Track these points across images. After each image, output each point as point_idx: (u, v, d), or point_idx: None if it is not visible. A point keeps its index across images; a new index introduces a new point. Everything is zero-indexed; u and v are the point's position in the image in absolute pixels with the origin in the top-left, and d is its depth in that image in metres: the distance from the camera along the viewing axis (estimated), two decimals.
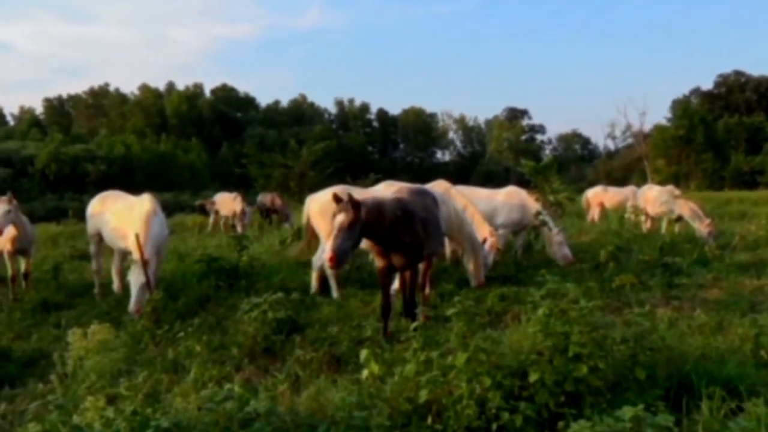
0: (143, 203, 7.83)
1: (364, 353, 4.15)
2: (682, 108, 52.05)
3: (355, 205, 5.14)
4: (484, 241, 8.26)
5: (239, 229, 16.54)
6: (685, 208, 11.72)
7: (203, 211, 20.63)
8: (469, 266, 7.92)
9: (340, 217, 5.10)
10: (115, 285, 8.48)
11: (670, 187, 13.09)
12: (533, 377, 3.51)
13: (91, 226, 8.68)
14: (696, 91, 61.87)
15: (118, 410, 3.33)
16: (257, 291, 7.31)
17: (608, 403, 3.47)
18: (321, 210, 7.57)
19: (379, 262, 5.83)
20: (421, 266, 6.82)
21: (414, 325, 4.26)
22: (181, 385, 4.62)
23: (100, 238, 8.51)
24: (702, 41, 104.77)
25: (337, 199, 5.24)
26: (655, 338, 4.08)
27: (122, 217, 7.96)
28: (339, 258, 4.99)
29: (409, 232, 5.56)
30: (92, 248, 8.77)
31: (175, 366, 5.24)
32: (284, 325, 5.88)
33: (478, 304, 6.14)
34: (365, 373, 4.11)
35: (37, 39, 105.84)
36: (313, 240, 8.13)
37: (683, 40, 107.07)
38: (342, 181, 20.26)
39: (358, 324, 6.01)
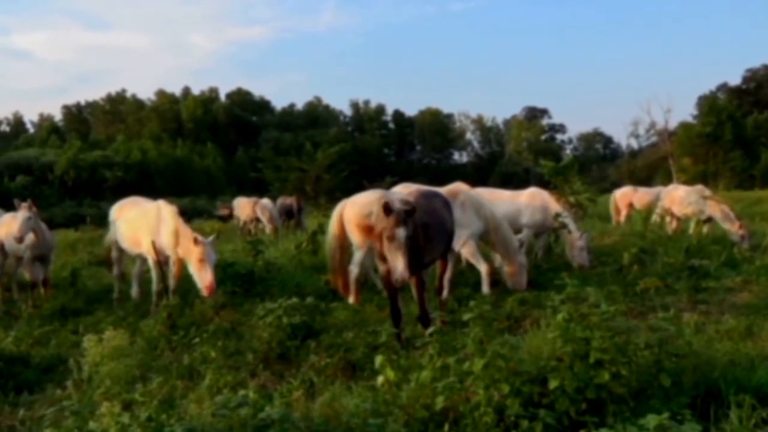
0: (161, 207, 7.90)
1: (379, 359, 4.11)
2: (708, 104, 51.13)
3: (411, 214, 5.03)
4: None
5: (269, 230, 16.71)
6: (715, 209, 11.33)
7: (223, 218, 20.67)
8: (505, 270, 7.80)
9: (401, 232, 4.90)
10: (134, 291, 8.52)
11: (699, 187, 12.72)
12: (553, 384, 3.44)
13: (111, 232, 8.85)
14: (723, 87, 60.71)
15: (133, 416, 3.34)
16: (272, 296, 7.29)
17: (632, 411, 3.38)
18: (361, 214, 7.23)
19: (382, 267, 5.76)
20: (438, 269, 6.75)
21: (430, 330, 4.19)
22: (196, 391, 4.63)
23: (118, 244, 8.63)
24: (729, 34, 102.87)
25: (388, 209, 4.97)
26: (681, 344, 3.98)
27: (135, 224, 8.06)
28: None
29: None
30: (113, 254, 8.89)
31: (191, 372, 5.25)
32: (299, 331, 5.85)
33: (495, 309, 6.06)
34: (380, 379, 4.07)
35: (55, 47, 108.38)
36: (344, 246, 7.67)
37: (709, 33, 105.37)
38: (358, 184, 20.26)
39: (374, 329, 5.94)
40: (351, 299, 7.48)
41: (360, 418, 3.47)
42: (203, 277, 7.04)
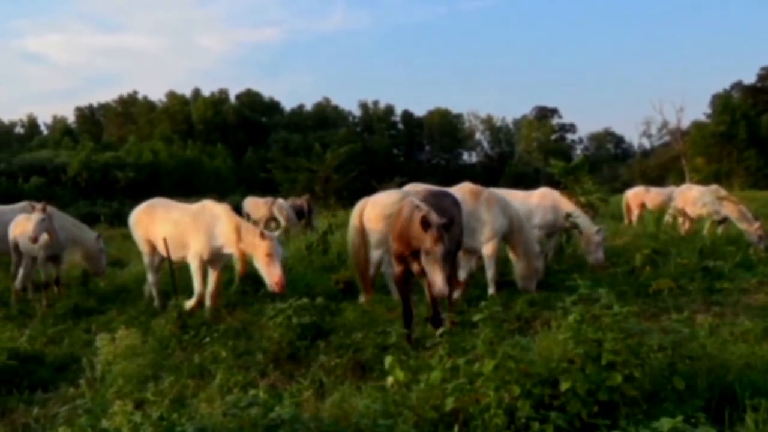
0: (210, 206, 7.60)
1: (388, 360, 4.11)
2: (722, 103, 50.50)
3: (448, 228, 5.10)
4: None
5: (282, 230, 16.66)
6: (732, 209, 11.16)
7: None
8: (518, 269, 7.72)
9: (440, 248, 5.01)
10: (148, 289, 8.40)
11: (714, 187, 12.55)
12: (564, 386, 3.42)
13: (140, 235, 8.15)
14: (737, 85, 59.73)
15: (145, 415, 3.38)
16: (282, 296, 7.29)
17: (645, 414, 3.36)
18: (382, 215, 7.18)
19: (397, 268, 5.76)
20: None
21: (440, 331, 4.19)
22: (206, 391, 4.66)
23: (152, 246, 8.06)
24: (744, 32, 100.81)
25: (426, 224, 5.07)
26: (694, 346, 3.94)
27: (181, 226, 7.59)
28: None
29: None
30: (146, 259, 8.18)
31: (201, 371, 5.29)
32: (309, 331, 5.87)
33: (506, 310, 6.04)
34: (390, 380, 4.07)
35: (68, 50, 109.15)
36: (367, 242, 7.54)
37: (723, 30, 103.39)
38: (367, 184, 20.20)
39: (383, 330, 5.95)
40: (362, 298, 7.48)
41: (369, 419, 3.47)
42: (272, 273, 6.74)
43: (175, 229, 7.68)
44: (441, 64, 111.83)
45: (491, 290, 7.57)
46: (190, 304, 7.26)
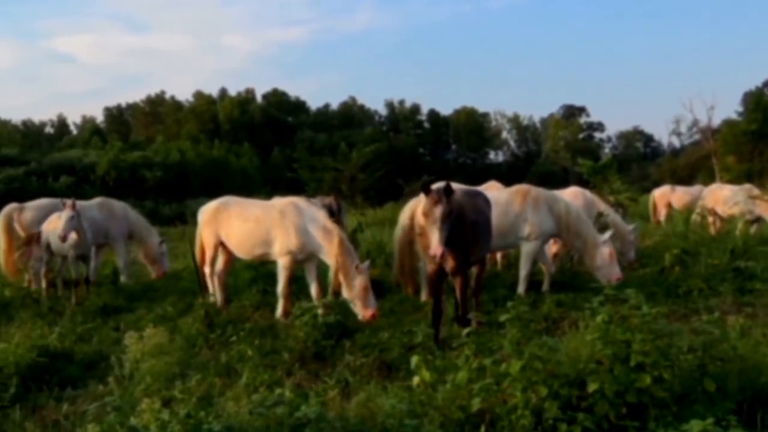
0: (304, 205, 7.46)
1: (415, 360, 4.11)
2: (754, 101, 49.09)
3: (448, 193, 5.13)
4: None
5: None
6: (766, 207, 10.93)
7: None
8: (588, 264, 7.58)
9: (439, 210, 5.07)
10: (219, 298, 7.74)
11: (747, 186, 12.25)
12: (592, 387, 3.38)
13: (208, 232, 7.81)
14: None
15: (172, 413, 3.41)
16: (308, 295, 7.35)
17: (674, 416, 3.31)
18: None
19: (430, 266, 5.74)
20: (474, 270, 6.68)
21: (466, 331, 4.17)
22: (233, 389, 4.72)
23: (218, 245, 7.81)
24: None
25: (427, 189, 5.18)
26: (725, 347, 3.85)
27: (266, 223, 7.30)
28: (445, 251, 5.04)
29: (458, 235, 5.43)
30: (200, 256, 8.02)
31: (228, 370, 5.35)
32: (334, 330, 5.90)
33: (533, 310, 5.99)
34: (416, 380, 4.07)
35: (97, 50, 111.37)
36: (413, 242, 7.35)
37: (756, 26, 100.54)
38: (393, 183, 20.16)
39: (409, 330, 5.96)
40: (423, 296, 7.24)
41: (395, 419, 3.47)
42: (368, 307, 6.48)
43: (257, 226, 7.36)
44: (467, 62, 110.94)
45: (521, 289, 7.49)
46: (279, 312, 7.11)
